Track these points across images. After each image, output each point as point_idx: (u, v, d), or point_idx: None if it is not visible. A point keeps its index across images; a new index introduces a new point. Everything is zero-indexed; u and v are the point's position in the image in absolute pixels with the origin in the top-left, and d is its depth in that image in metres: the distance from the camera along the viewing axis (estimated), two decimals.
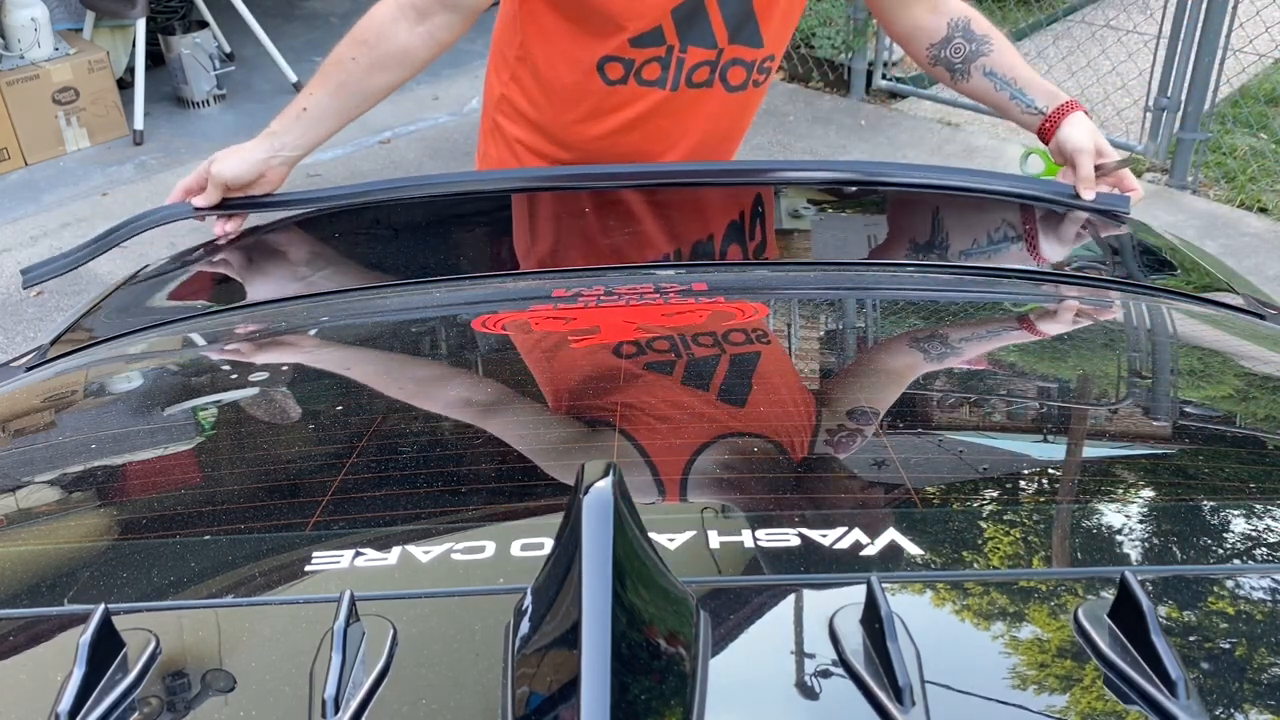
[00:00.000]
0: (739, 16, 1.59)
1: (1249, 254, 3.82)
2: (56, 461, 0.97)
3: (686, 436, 0.89)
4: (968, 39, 1.65)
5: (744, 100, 1.71)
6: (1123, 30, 4.62)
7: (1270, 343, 1.17)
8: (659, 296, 1.16)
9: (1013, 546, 0.72)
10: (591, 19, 1.57)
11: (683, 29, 1.58)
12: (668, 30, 1.58)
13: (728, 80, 1.66)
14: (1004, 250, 1.52)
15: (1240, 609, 0.64)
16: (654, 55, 1.61)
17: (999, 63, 1.64)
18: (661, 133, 1.70)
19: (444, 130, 4.89)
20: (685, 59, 1.61)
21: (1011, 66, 1.64)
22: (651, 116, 1.68)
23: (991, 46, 1.64)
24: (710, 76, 1.64)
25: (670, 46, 1.60)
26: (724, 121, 1.73)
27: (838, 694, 0.57)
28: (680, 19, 1.57)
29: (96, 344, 1.29)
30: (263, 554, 0.74)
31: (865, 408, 0.95)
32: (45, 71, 4.51)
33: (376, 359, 1.15)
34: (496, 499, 0.82)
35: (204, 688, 0.60)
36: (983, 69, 1.65)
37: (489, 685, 0.57)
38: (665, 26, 1.58)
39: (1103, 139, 1.59)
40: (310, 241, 1.62)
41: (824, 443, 0.90)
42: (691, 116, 1.69)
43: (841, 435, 0.91)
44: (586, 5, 1.55)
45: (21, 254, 3.98)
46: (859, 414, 0.94)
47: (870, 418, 0.92)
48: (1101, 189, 1.58)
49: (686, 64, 1.62)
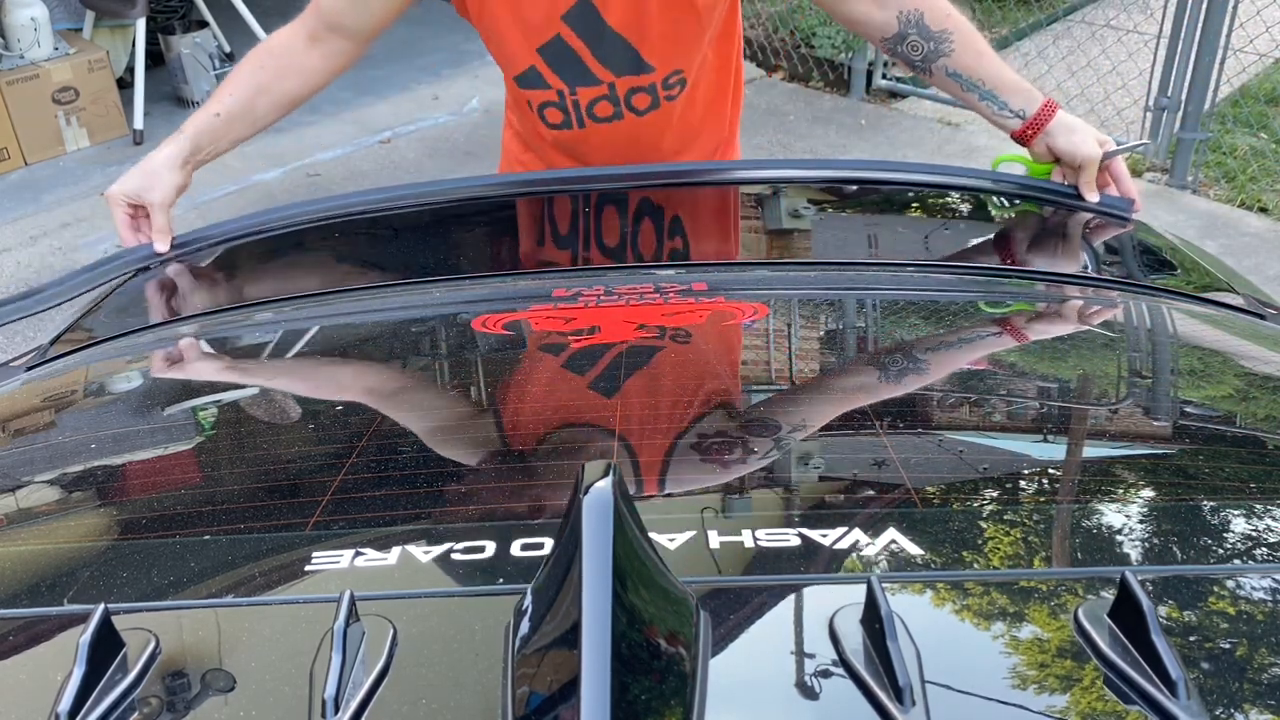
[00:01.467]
0: (612, 49, 1.56)
1: (1249, 254, 3.82)
2: (56, 461, 0.97)
3: (686, 436, 0.89)
4: (923, 36, 1.51)
5: (665, 115, 1.67)
6: (1123, 30, 4.62)
7: (1270, 343, 1.17)
8: (659, 296, 1.16)
9: (1013, 546, 0.72)
10: (493, 54, 1.66)
11: (560, 71, 1.59)
12: (545, 72, 1.60)
13: (634, 107, 1.65)
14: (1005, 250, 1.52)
15: (1240, 609, 0.64)
16: (547, 99, 1.64)
17: (961, 63, 1.52)
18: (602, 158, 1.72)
19: (444, 130, 4.89)
20: (579, 99, 1.63)
21: (976, 66, 1.52)
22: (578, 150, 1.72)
23: (951, 45, 1.51)
24: (616, 110, 1.64)
25: (560, 90, 1.62)
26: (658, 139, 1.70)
27: (838, 694, 0.57)
28: (551, 59, 1.58)
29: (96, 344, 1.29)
30: (263, 554, 0.74)
31: (865, 407, 0.95)
32: (45, 71, 4.51)
33: (377, 359, 1.15)
34: (496, 499, 0.82)
35: (204, 688, 0.60)
36: (945, 69, 1.53)
37: (489, 685, 0.57)
38: (539, 67, 1.60)
39: (1096, 133, 1.54)
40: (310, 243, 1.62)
41: (824, 442, 0.90)
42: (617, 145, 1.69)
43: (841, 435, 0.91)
44: (486, 41, 1.64)
45: (21, 254, 3.98)
46: (859, 414, 0.94)
47: (870, 417, 0.92)
48: (1110, 192, 1.54)
49: (582, 104, 1.63)
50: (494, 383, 1.05)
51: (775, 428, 0.91)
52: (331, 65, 1.62)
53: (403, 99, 5.16)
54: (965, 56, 1.52)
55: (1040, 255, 1.50)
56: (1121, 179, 1.55)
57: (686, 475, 0.83)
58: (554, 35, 1.56)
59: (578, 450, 0.88)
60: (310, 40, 1.59)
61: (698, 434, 0.89)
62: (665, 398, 0.97)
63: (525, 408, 0.98)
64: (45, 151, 4.61)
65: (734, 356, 1.10)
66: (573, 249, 1.56)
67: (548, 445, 0.90)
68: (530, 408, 0.98)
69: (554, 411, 0.97)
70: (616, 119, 1.65)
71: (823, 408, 0.98)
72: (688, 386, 1.00)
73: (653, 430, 0.90)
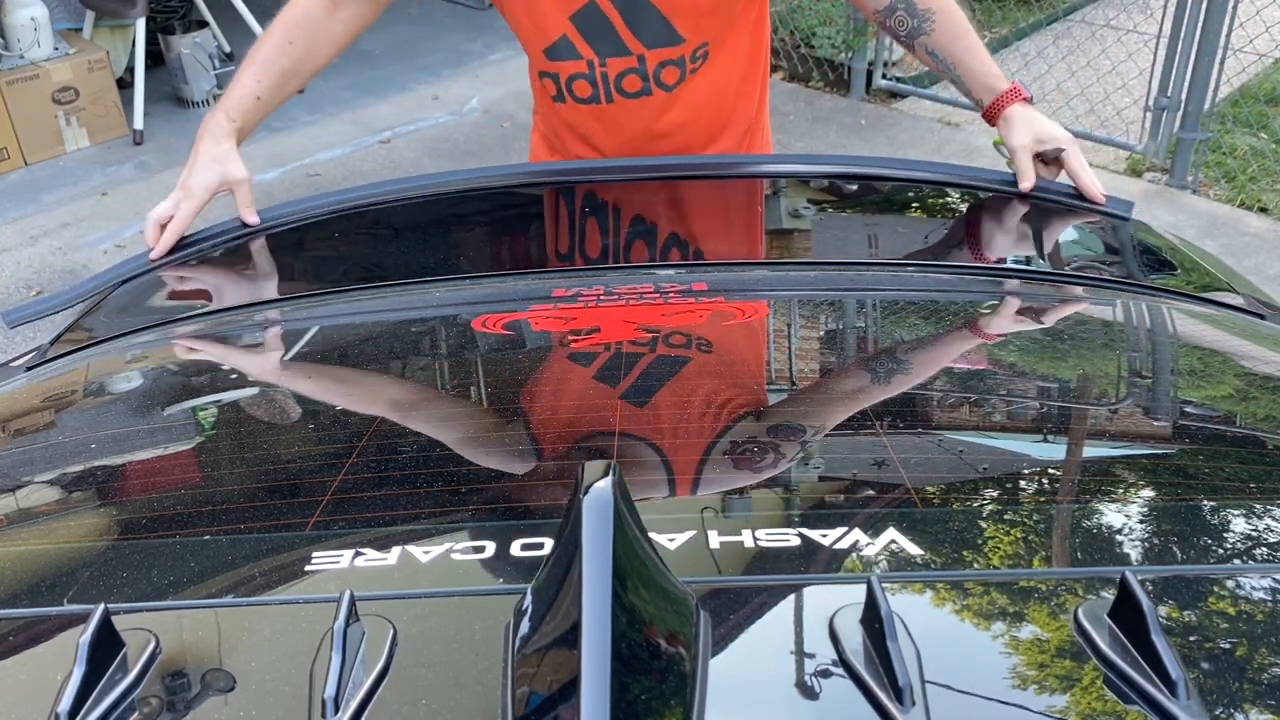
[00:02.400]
0: (646, 20, 1.59)
1: (1249, 254, 3.82)
2: (57, 461, 0.97)
3: (686, 436, 0.89)
4: (910, 13, 1.60)
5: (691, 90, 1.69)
6: (1123, 30, 4.62)
7: (1270, 343, 1.17)
8: (659, 296, 1.16)
9: (1013, 546, 0.72)
10: (519, 32, 1.67)
11: (592, 40, 1.61)
12: (576, 41, 1.61)
13: (663, 82, 1.66)
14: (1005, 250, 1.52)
15: (1240, 609, 0.64)
16: (576, 71, 1.65)
17: (939, 44, 1.61)
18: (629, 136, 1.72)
19: (444, 130, 4.89)
20: (608, 71, 1.64)
21: (950, 49, 1.61)
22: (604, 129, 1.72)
23: (933, 24, 1.60)
24: (645, 85, 1.66)
25: (590, 61, 1.63)
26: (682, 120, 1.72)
27: (838, 694, 0.57)
28: (584, 28, 1.60)
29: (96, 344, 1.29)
30: (263, 554, 0.74)
31: (865, 407, 0.95)
32: (45, 71, 4.51)
33: (377, 359, 1.15)
34: (496, 499, 0.82)
35: (204, 688, 0.60)
36: (925, 47, 1.62)
37: (489, 685, 0.57)
38: (571, 36, 1.61)
39: (1047, 126, 1.56)
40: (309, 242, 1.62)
41: (824, 442, 0.90)
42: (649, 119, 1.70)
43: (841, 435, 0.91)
44: (511, 18, 1.66)
45: (21, 254, 3.98)
46: (859, 413, 0.94)
47: (870, 417, 0.92)
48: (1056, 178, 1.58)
49: (611, 76, 1.65)
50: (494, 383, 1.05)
51: (775, 428, 0.91)
52: (353, 29, 1.64)
53: (403, 99, 5.16)
54: (943, 38, 1.60)
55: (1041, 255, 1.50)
56: (1077, 174, 1.56)
57: (686, 475, 0.83)
58: (588, 1, 1.58)
59: (578, 450, 0.88)
60: (332, 6, 1.59)
61: (698, 434, 0.89)
62: (665, 398, 0.97)
63: (525, 408, 0.98)
64: (45, 151, 4.61)
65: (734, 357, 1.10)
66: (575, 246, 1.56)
67: (548, 445, 0.90)
68: (530, 408, 0.98)
69: (554, 412, 0.97)
70: (645, 94, 1.67)
71: (823, 408, 0.98)
72: (688, 387, 1.00)
73: (653, 430, 0.90)
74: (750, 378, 1.05)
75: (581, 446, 0.89)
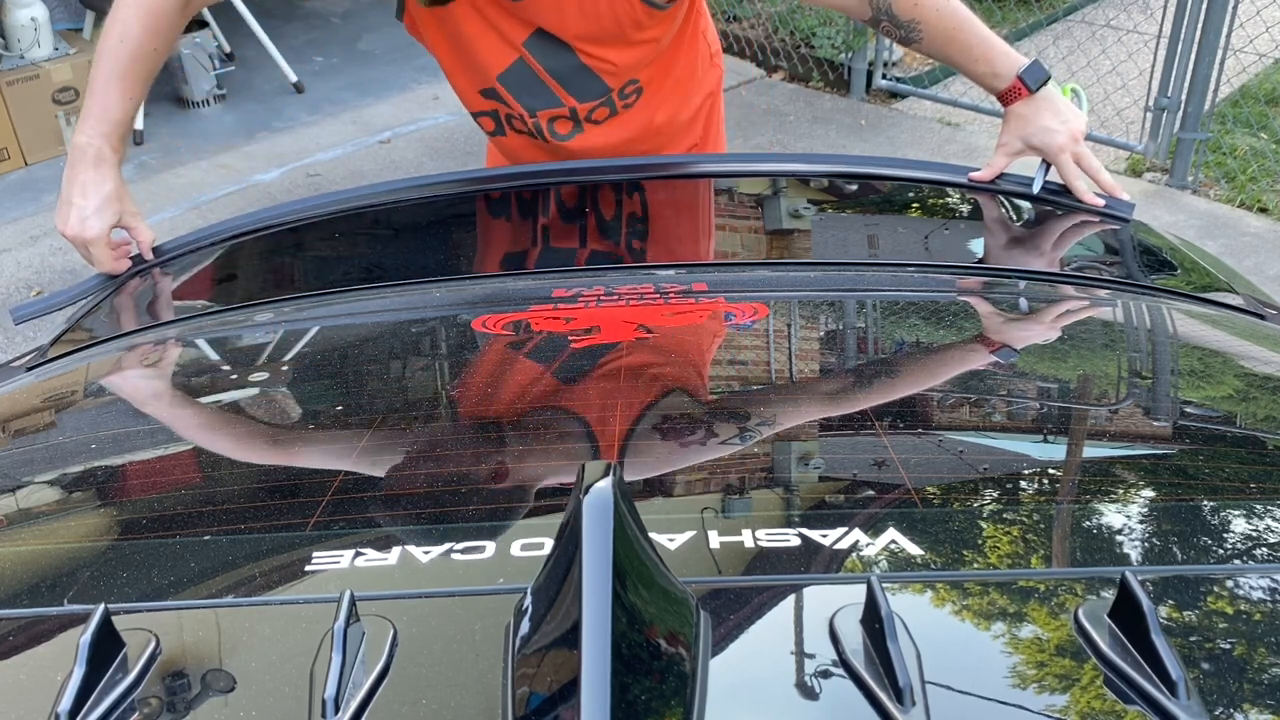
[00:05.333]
0: (573, 76, 1.60)
1: (1249, 254, 3.82)
2: (57, 461, 0.97)
3: (686, 436, 0.89)
4: (894, 24, 1.58)
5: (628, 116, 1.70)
6: (1123, 30, 4.62)
7: (1270, 343, 1.17)
8: (659, 297, 1.16)
9: (1013, 546, 0.72)
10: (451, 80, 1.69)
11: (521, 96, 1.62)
12: (507, 99, 1.63)
13: (595, 119, 1.68)
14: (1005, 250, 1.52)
15: (1240, 609, 0.64)
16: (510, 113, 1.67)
17: (931, 49, 1.60)
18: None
19: (444, 130, 4.88)
20: (539, 121, 1.66)
21: (944, 53, 1.58)
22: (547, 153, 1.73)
23: (920, 33, 1.57)
24: (576, 127, 1.68)
25: (520, 115, 1.65)
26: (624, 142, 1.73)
27: (838, 694, 0.57)
28: (513, 85, 1.61)
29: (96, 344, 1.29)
30: (263, 554, 0.74)
31: (866, 407, 0.95)
32: (45, 71, 4.51)
33: (377, 359, 1.15)
34: (496, 499, 0.82)
35: (204, 688, 0.60)
36: (920, 51, 1.62)
37: (489, 685, 0.57)
38: (501, 92, 1.63)
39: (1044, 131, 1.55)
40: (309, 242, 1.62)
41: (824, 442, 0.90)
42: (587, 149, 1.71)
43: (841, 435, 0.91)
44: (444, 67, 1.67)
45: (21, 254, 3.98)
46: (859, 414, 0.94)
47: (870, 417, 0.92)
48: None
49: (543, 124, 1.66)
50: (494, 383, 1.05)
51: (775, 428, 0.91)
52: (190, 16, 1.54)
53: (403, 99, 5.16)
54: (933, 44, 1.59)
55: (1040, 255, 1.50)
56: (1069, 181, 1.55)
57: (687, 475, 0.83)
58: (516, 60, 1.59)
59: (578, 450, 0.88)
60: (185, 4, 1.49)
61: (698, 434, 0.89)
62: (665, 398, 0.97)
63: (526, 408, 0.98)
64: (45, 151, 4.60)
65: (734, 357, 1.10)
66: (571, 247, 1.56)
67: (548, 445, 0.90)
68: (531, 408, 0.98)
69: (555, 412, 0.97)
70: (578, 132, 1.70)
71: (823, 408, 0.98)
72: (688, 387, 1.00)
73: (653, 430, 0.90)
74: (750, 378, 1.05)
75: (582, 446, 0.89)
